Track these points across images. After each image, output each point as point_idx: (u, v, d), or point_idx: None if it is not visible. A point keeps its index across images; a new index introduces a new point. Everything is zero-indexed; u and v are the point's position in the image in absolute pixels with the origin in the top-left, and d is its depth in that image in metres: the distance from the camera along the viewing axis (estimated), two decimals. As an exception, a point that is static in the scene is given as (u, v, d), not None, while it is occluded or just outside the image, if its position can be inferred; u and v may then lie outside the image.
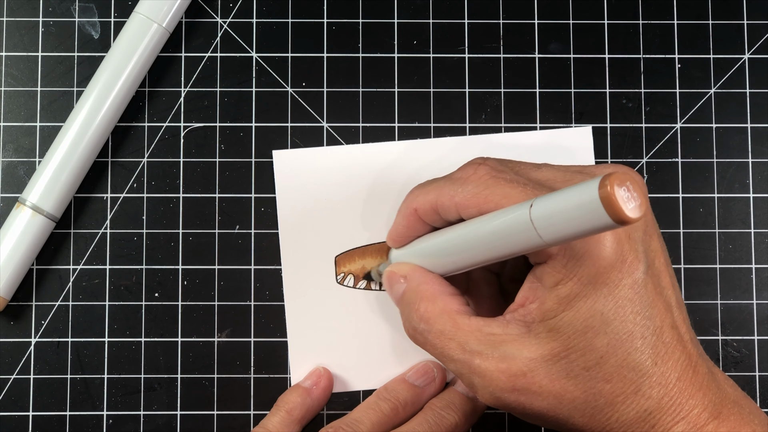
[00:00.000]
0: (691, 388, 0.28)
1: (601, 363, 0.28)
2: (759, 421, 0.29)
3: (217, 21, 0.40)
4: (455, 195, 0.31)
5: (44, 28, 0.40)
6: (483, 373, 0.29)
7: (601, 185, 0.23)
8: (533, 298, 0.29)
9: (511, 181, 0.29)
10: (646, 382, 0.28)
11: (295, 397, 0.37)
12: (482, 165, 0.31)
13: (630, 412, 0.28)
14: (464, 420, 0.36)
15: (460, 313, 0.31)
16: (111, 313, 0.39)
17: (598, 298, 0.27)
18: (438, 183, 0.32)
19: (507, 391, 0.29)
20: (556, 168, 0.31)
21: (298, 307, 0.39)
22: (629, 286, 0.28)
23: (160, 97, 0.40)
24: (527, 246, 0.27)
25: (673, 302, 0.29)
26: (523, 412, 0.30)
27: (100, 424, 0.39)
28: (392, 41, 0.40)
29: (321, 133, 0.40)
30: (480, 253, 0.30)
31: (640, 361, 0.28)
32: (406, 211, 0.33)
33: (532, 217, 0.26)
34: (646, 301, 0.28)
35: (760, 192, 0.40)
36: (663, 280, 0.29)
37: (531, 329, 0.29)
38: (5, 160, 0.39)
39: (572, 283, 0.28)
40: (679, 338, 0.28)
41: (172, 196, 0.39)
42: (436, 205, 0.32)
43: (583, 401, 0.28)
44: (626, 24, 0.41)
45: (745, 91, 0.40)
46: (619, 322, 0.28)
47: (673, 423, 0.28)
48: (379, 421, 0.36)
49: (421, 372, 0.38)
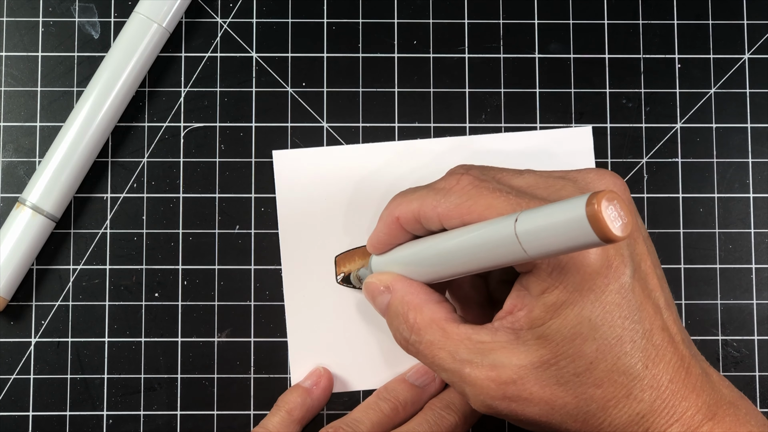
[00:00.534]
0: (684, 390, 0.28)
1: (591, 369, 0.28)
2: (755, 422, 0.29)
3: (217, 21, 0.40)
4: (438, 205, 0.30)
5: (44, 28, 0.40)
6: (473, 382, 0.29)
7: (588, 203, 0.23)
8: (521, 305, 0.29)
9: (494, 191, 0.29)
10: (637, 386, 0.28)
11: (295, 397, 0.37)
12: (465, 175, 0.31)
13: (623, 416, 0.28)
14: (464, 420, 0.36)
15: (448, 321, 0.31)
16: (111, 313, 0.39)
17: (585, 305, 0.27)
18: (420, 192, 0.32)
19: (498, 399, 0.29)
20: (538, 174, 0.31)
21: (298, 307, 0.39)
22: (616, 291, 0.28)
23: (160, 97, 0.40)
24: (512, 259, 0.27)
25: (662, 304, 0.29)
26: (516, 419, 0.30)
27: (100, 424, 0.39)
28: (392, 41, 0.40)
29: (321, 133, 0.40)
30: (463, 264, 0.30)
31: (630, 365, 0.28)
32: (388, 218, 0.33)
33: (517, 231, 0.26)
34: (634, 305, 0.28)
35: (760, 192, 0.40)
36: (650, 282, 0.29)
37: (519, 336, 0.29)
38: (5, 160, 0.39)
39: (558, 291, 0.28)
40: (670, 340, 0.28)
41: (172, 196, 0.39)
42: (419, 214, 0.32)
43: (574, 407, 0.28)
44: (626, 24, 0.41)
45: (745, 91, 0.40)
46: (608, 327, 0.27)
47: (667, 425, 0.28)
48: (379, 422, 0.36)
49: (421, 372, 0.38)
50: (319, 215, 0.39)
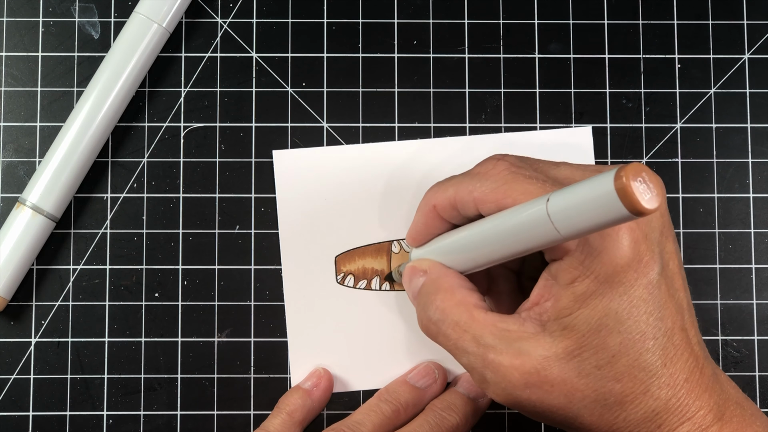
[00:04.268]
0: (698, 390, 0.28)
1: (613, 362, 0.28)
2: (761, 423, 0.29)
3: (217, 21, 0.40)
4: (474, 190, 0.31)
5: (44, 28, 0.40)
6: (497, 368, 0.29)
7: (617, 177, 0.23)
8: (548, 295, 0.29)
9: (530, 178, 0.29)
10: (655, 383, 0.28)
11: (296, 398, 0.37)
12: (501, 161, 0.31)
13: (638, 412, 0.28)
14: (465, 421, 0.36)
15: (477, 307, 0.31)
16: (111, 313, 0.39)
17: (613, 297, 0.27)
18: (457, 179, 0.32)
19: (519, 388, 0.29)
20: (574, 166, 0.31)
21: (298, 307, 0.39)
22: (644, 287, 0.28)
23: (160, 97, 0.40)
24: (545, 241, 0.27)
25: (684, 305, 0.29)
26: (533, 410, 0.29)
27: (100, 424, 0.39)
28: (392, 41, 0.40)
29: (321, 133, 0.40)
30: (498, 249, 0.30)
31: (650, 362, 0.28)
32: (425, 207, 0.33)
33: (549, 211, 0.26)
34: (659, 303, 0.28)
35: (760, 192, 0.40)
36: (676, 282, 0.29)
37: (546, 327, 0.29)
38: (5, 160, 0.39)
39: (588, 280, 0.28)
40: (687, 341, 0.29)
41: (172, 196, 0.39)
42: (455, 200, 0.32)
43: (593, 400, 0.28)
44: (626, 24, 0.41)
45: (745, 91, 0.40)
46: (633, 321, 0.28)
47: (678, 424, 0.28)
48: (380, 423, 0.36)
49: (422, 373, 0.38)
50: (319, 215, 0.39)
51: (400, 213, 0.39)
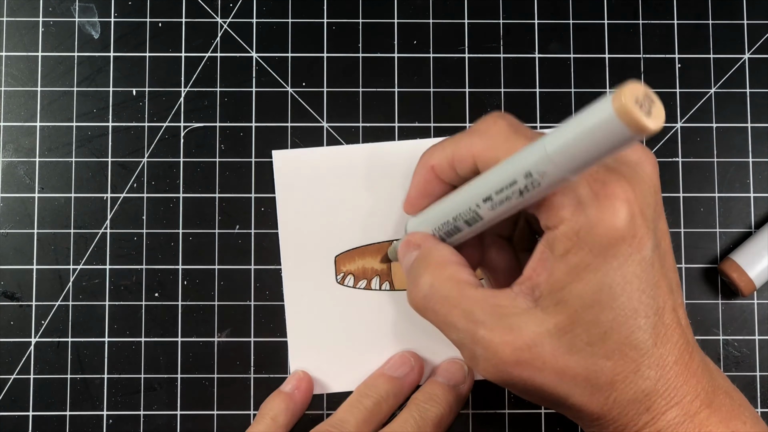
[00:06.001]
0: (686, 374, 0.28)
1: (605, 339, 0.27)
2: (749, 414, 0.29)
3: (217, 21, 0.40)
4: (473, 146, 0.30)
5: (44, 28, 0.40)
6: (487, 345, 0.28)
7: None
8: (542, 270, 0.28)
9: (530, 138, 0.29)
10: (645, 362, 0.27)
11: (278, 403, 0.37)
12: (501, 119, 0.30)
13: (628, 392, 0.28)
14: (449, 410, 0.36)
15: (467, 282, 0.30)
16: (111, 313, 0.39)
17: (608, 271, 0.27)
18: (455, 138, 0.31)
19: (510, 365, 0.28)
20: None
21: (298, 307, 0.39)
22: (638, 263, 0.27)
23: (160, 97, 0.40)
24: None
25: (674, 286, 0.29)
26: (523, 388, 0.29)
27: (100, 424, 0.39)
28: (392, 41, 0.40)
29: (321, 133, 0.40)
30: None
31: (642, 340, 0.27)
32: (423, 169, 0.32)
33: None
34: (652, 280, 0.27)
35: (761, 192, 0.40)
36: (667, 261, 0.29)
37: (539, 302, 0.28)
38: (5, 160, 0.39)
39: (583, 252, 0.27)
40: (677, 321, 0.28)
41: (172, 196, 0.39)
42: (453, 159, 0.31)
43: (583, 378, 0.28)
44: (626, 24, 0.41)
45: (745, 91, 0.40)
46: (626, 297, 0.27)
47: (666, 408, 0.27)
48: (363, 418, 0.36)
49: (398, 363, 0.38)
50: (319, 215, 0.39)
51: (400, 213, 0.39)
